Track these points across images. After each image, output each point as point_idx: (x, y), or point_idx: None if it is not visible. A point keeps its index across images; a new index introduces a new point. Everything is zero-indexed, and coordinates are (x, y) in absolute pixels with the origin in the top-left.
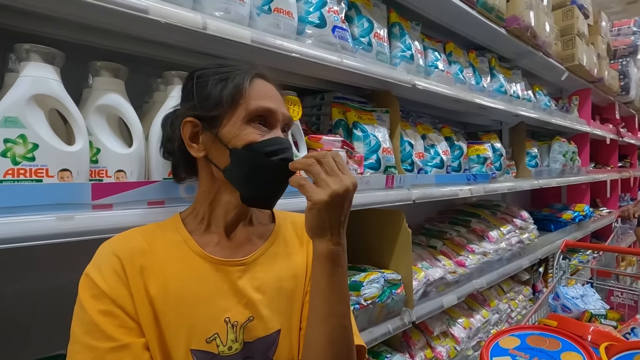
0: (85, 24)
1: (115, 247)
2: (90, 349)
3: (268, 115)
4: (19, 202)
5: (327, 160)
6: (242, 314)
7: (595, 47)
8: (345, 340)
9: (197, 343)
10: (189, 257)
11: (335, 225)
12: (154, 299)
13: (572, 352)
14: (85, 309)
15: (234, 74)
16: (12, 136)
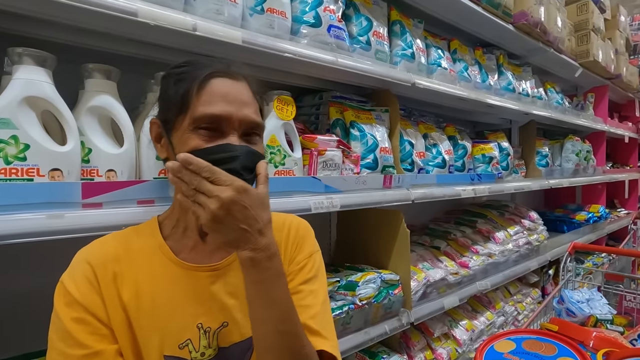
0: (78, 26)
1: (88, 254)
2: (64, 355)
3: (218, 122)
4: (11, 201)
5: (201, 186)
6: (215, 320)
7: (612, 43)
8: (286, 346)
9: (169, 349)
10: (162, 262)
11: (240, 234)
12: (126, 305)
13: (568, 358)
14: (59, 316)
15: (190, 74)
16: (4, 137)
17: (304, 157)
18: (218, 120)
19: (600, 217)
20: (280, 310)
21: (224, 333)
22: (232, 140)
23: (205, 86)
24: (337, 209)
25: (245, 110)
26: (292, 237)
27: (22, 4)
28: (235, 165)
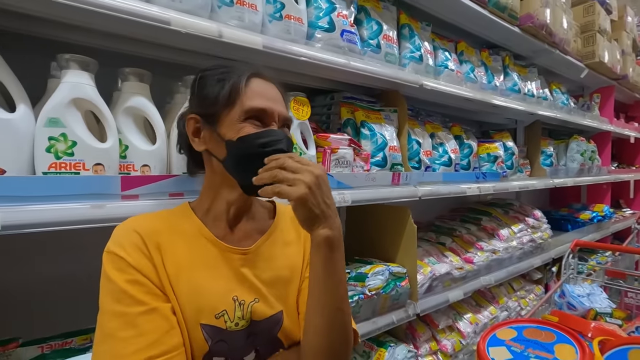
0: (115, 33)
1: (134, 225)
2: (120, 315)
3: (262, 115)
4: (61, 192)
5: (288, 163)
6: (248, 295)
7: (619, 43)
8: (343, 323)
9: (206, 318)
10: (200, 242)
11: (324, 209)
12: (169, 274)
13: (566, 344)
14: (112, 280)
15: (231, 74)
16: (54, 134)
17: (317, 155)
18: (263, 113)
19: (605, 216)
20: (343, 289)
21: (256, 307)
22: (273, 127)
23: (250, 84)
24: (349, 203)
25: (279, 107)
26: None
27: (67, 14)
28: (281, 145)
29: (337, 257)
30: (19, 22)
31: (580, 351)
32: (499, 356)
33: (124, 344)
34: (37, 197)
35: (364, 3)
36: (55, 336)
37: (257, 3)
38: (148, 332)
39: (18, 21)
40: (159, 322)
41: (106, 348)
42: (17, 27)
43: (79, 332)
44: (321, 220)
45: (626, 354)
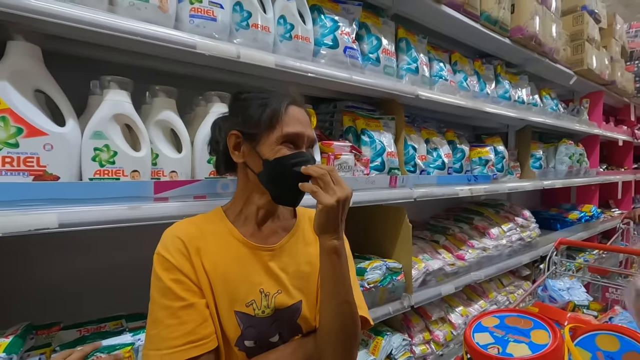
0: (148, 54)
1: (177, 232)
2: (165, 307)
3: (296, 139)
4: (104, 195)
5: (334, 174)
6: (273, 287)
7: (608, 50)
8: (349, 312)
9: (239, 306)
10: (232, 243)
11: (337, 224)
12: (208, 272)
13: (541, 330)
14: (160, 278)
15: (272, 100)
16: (99, 145)
17: (322, 160)
18: (297, 137)
19: (592, 216)
20: (347, 285)
21: (279, 298)
22: (302, 150)
23: (288, 112)
24: (350, 205)
25: (309, 131)
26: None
27: (111, 41)
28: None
29: (342, 261)
30: (66, 46)
31: (552, 335)
32: (482, 340)
33: (169, 330)
34: (85, 199)
35: (365, 20)
36: (92, 321)
37: (270, 25)
38: (187, 323)
39: (65, 45)
40: (195, 315)
41: (156, 332)
42: (63, 50)
43: (111, 318)
44: (332, 232)
45: (594, 339)
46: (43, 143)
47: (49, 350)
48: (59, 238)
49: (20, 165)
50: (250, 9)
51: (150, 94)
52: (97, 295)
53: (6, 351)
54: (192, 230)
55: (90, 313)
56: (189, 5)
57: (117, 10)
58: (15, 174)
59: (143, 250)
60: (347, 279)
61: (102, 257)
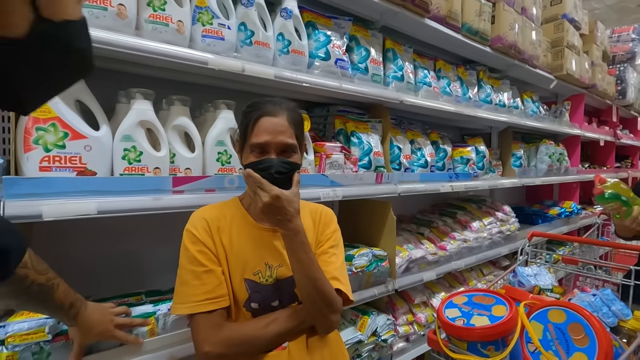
0: (166, 68)
1: (203, 214)
2: (191, 271)
3: (262, 146)
4: (132, 188)
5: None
6: (275, 261)
7: (589, 55)
8: (312, 284)
9: (248, 275)
10: (245, 225)
11: (276, 221)
12: (225, 246)
13: (501, 305)
14: (188, 249)
15: (249, 114)
16: (128, 147)
17: (315, 159)
18: (262, 145)
19: (572, 212)
20: (303, 263)
21: (280, 270)
22: (271, 156)
23: (257, 124)
24: (339, 198)
25: (280, 137)
26: (322, 219)
27: (135, 58)
28: (271, 170)
29: (295, 246)
30: (99, 61)
31: (509, 309)
32: (452, 314)
33: (193, 289)
34: (117, 191)
35: (355, 33)
36: (117, 296)
37: (270, 42)
38: (207, 284)
39: (99, 61)
40: (214, 279)
41: (182, 290)
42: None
43: (133, 294)
44: (278, 224)
45: (546, 314)
46: (84, 145)
47: None
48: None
49: (67, 163)
50: (253, 28)
51: (167, 102)
52: (120, 275)
53: None
54: (215, 213)
55: (114, 290)
56: (201, 27)
57: (142, 33)
58: (63, 170)
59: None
60: (301, 259)
61: (125, 242)
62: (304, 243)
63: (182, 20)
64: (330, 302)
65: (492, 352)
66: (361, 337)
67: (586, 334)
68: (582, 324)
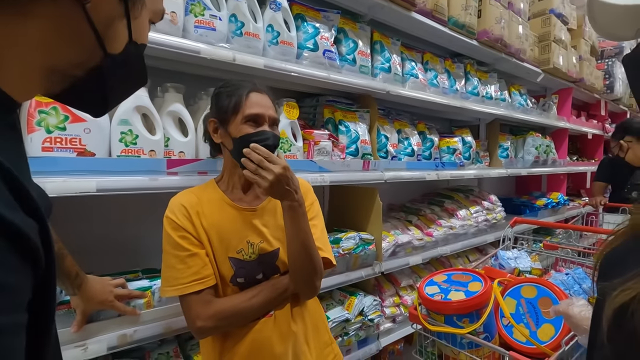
0: (161, 57)
1: (181, 200)
2: (176, 256)
3: (257, 118)
4: (129, 168)
5: (263, 164)
6: (256, 238)
7: (577, 50)
8: (306, 253)
9: (231, 253)
10: (224, 206)
11: (284, 191)
12: (206, 228)
13: (477, 282)
14: (170, 235)
15: (236, 90)
16: (124, 130)
17: (304, 146)
18: (257, 117)
19: (559, 203)
20: (303, 232)
21: (261, 246)
22: (265, 128)
23: (249, 97)
24: (327, 183)
25: (270, 111)
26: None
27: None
28: (269, 142)
29: (298, 215)
30: None
31: (484, 284)
32: (431, 291)
33: (179, 272)
34: (115, 171)
35: (343, 25)
36: (114, 273)
37: (260, 33)
38: (192, 267)
39: None
40: (198, 261)
41: (169, 274)
42: None
43: (130, 272)
44: (284, 197)
45: (520, 290)
46: (83, 127)
47: None
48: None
49: (68, 144)
50: (243, 19)
51: (162, 89)
52: (117, 256)
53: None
54: (192, 198)
55: (111, 269)
56: (193, 18)
57: None
58: (64, 151)
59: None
60: (303, 229)
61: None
62: (305, 213)
63: (176, 12)
64: (318, 269)
65: (467, 324)
66: (348, 316)
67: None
68: (551, 297)
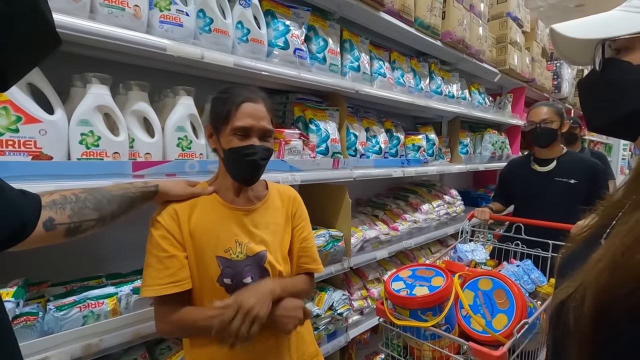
0: (124, 52)
1: (176, 208)
2: (154, 255)
3: (245, 130)
4: (90, 172)
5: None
6: (245, 238)
7: (530, 52)
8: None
9: (219, 252)
10: (216, 206)
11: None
12: (195, 229)
13: (439, 276)
14: (152, 235)
15: (230, 99)
16: (85, 131)
17: (275, 145)
18: (245, 129)
19: None
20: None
21: (250, 247)
22: (254, 141)
23: (240, 108)
24: (298, 182)
25: (262, 123)
26: (292, 202)
27: (90, 42)
28: (255, 157)
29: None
30: None
31: (446, 279)
32: (397, 286)
33: (157, 272)
34: (75, 175)
35: (313, 23)
36: (76, 280)
37: (229, 30)
38: (169, 268)
39: None
40: (176, 263)
41: (147, 273)
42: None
43: (93, 277)
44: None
45: (477, 283)
46: (39, 129)
47: (44, 300)
48: None
49: (21, 147)
50: (212, 15)
51: (124, 86)
52: (79, 259)
53: (14, 296)
54: (186, 204)
55: (73, 275)
56: (158, 12)
57: (97, 17)
58: (17, 154)
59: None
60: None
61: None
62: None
63: (139, 5)
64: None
65: (430, 317)
66: (318, 312)
67: (507, 297)
68: (505, 289)
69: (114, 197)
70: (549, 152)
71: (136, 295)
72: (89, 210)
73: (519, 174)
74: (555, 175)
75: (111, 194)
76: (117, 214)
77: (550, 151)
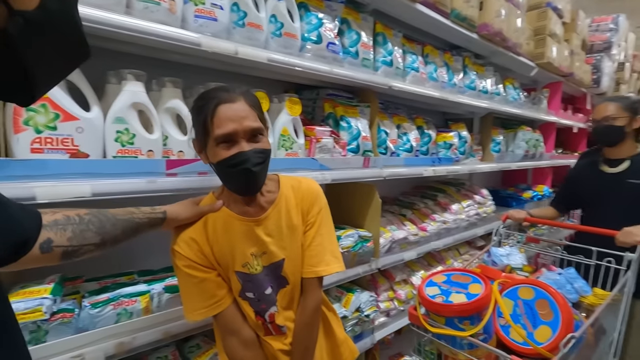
0: (161, 48)
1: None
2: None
3: (229, 137)
4: (125, 170)
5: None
6: (260, 249)
7: (569, 44)
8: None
9: (238, 267)
10: (227, 220)
11: None
12: (214, 250)
13: (477, 283)
14: (178, 266)
15: (204, 106)
16: (120, 129)
17: (305, 143)
18: (229, 136)
19: (544, 195)
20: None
21: (265, 257)
22: (243, 146)
23: (216, 113)
24: (329, 182)
25: (245, 122)
26: (306, 198)
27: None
28: (247, 165)
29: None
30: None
31: (485, 287)
32: (432, 292)
33: (195, 298)
34: (112, 174)
35: (346, 16)
36: (108, 276)
37: (263, 24)
38: (206, 291)
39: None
40: (210, 284)
41: (186, 299)
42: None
43: (125, 274)
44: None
45: (517, 291)
46: (76, 126)
47: (79, 296)
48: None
49: (59, 145)
50: (246, 9)
51: (158, 83)
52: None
53: (52, 293)
54: (199, 226)
55: (105, 271)
56: (193, 7)
57: (133, 12)
58: (55, 152)
59: None
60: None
61: None
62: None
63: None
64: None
65: (468, 326)
66: (346, 313)
67: (551, 309)
68: (548, 300)
69: (118, 221)
70: (618, 151)
71: (168, 293)
72: (91, 234)
73: (585, 176)
74: (627, 177)
75: (116, 217)
76: (119, 239)
77: (619, 150)
